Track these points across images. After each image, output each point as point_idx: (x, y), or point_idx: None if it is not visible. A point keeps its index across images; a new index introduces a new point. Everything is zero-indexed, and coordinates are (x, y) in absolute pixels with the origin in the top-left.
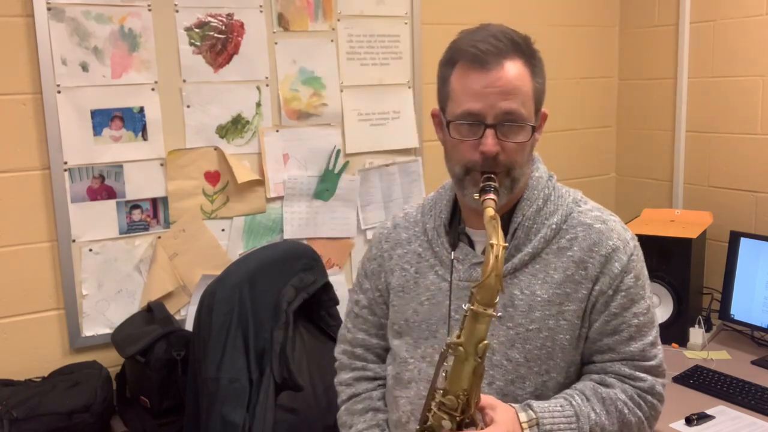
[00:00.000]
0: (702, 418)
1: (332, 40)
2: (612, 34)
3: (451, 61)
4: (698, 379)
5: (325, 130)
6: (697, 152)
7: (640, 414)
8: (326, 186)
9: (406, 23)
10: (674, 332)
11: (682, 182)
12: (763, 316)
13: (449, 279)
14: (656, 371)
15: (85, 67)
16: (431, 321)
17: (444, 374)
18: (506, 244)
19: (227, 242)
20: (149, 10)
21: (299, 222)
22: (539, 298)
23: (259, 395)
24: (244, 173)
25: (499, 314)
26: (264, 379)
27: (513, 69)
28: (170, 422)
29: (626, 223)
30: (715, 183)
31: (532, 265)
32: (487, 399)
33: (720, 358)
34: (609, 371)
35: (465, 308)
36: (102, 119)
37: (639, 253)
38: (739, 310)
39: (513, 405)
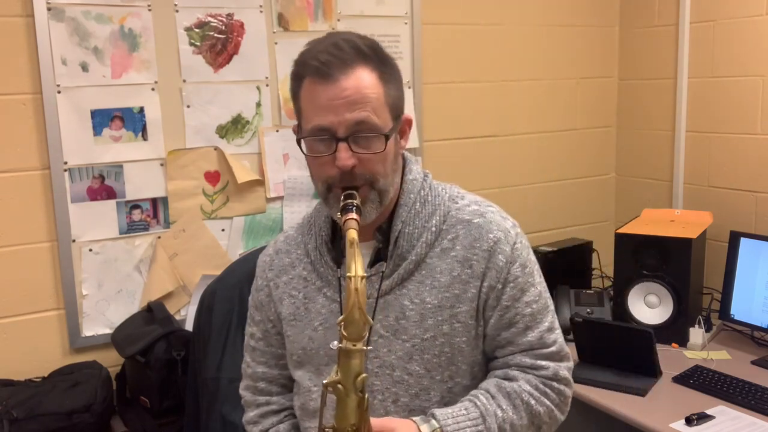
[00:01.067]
0: (702, 418)
1: None
2: (612, 34)
3: (297, 75)
4: (698, 379)
5: None
6: (697, 152)
7: (547, 402)
8: None
9: (406, 23)
10: (674, 332)
11: (682, 182)
12: (763, 316)
13: (339, 299)
14: (558, 356)
15: (85, 67)
16: (328, 347)
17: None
18: (365, 275)
19: (227, 242)
20: (149, 10)
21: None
22: (429, 305)
23: None
24: (244, 173)
25: (369, 347)
26: None
27: (359, 78)
28: (170, 422)
29: (626, 223)
30: (715, 183)
31: (418, 272)
32: (379, 423)
33: (720, 358)
34: (511, 364)
35: (333, 347)
36: (102, 119)
37: (522, 240)
38: (739, 310)
39: (414, 419)
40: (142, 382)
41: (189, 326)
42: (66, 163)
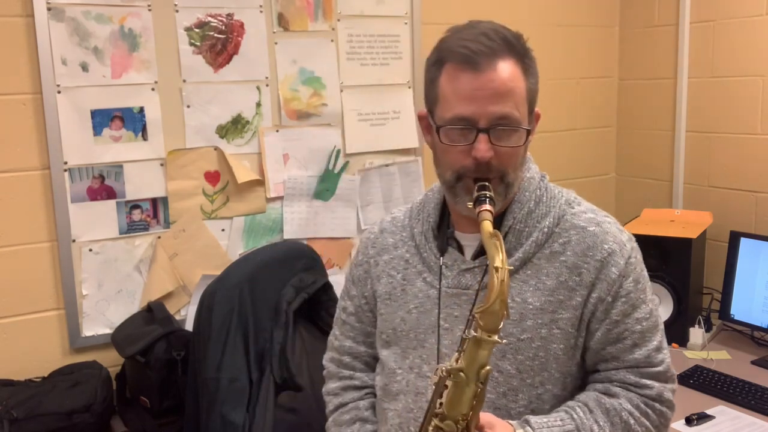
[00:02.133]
0: (702, 418)
1: (332, 40)
2: (612, 34)
3: (439, 61)
4: (698, 379)
5: (325, 130)
6: (697, 152)
7: (647, 423)
8: (326, 186)
9: (406, 23)
10: (674, 332)
11: (682, 182)
12: (763, 316)
13: (438, 286)
14: (664, 377)
15: (85, 67)
16: (419, 330)
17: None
18: (512, 267)
19: (227, 242)
20: (149, 10)
21: (299, 222)
22: (531, 306)
23: (259, 395)
24: (244, 173)
25: (505, 341)
26: (264, 379)
27: (506, 70)
28: (170, 422)
29: (626, 223)
30: (715, 183)
31: (523, 270)
32: (485, 417)
33: (720, 358)
34: (614, 379)
35: (467, 335)
36: (102, 119)
37: (637, 255)
38: (739, 310)
39: (511, 422)
40: (142, 382)
41: (189, 326)
42: (66, 163)
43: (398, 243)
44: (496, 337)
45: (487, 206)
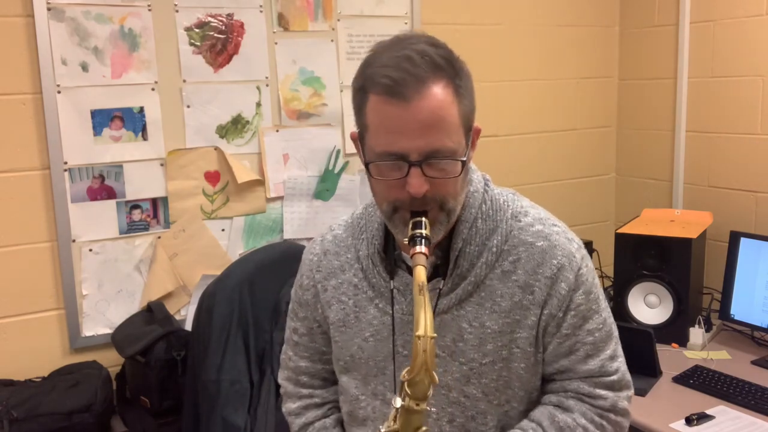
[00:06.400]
0: (702, 418)
1: (332, 40)
2: (612, 34)
3: (362, 89)
4: (698, 379)
5: (325, 130)
6: (697, 152)
7: None
8: (326, 186)
9: (406, 23)
10: (674, 332)
11: (682, 182)
12: (763, 316)
13: (391, 312)
14: (618, 386)
15: (85, 67)
16: (378, 358)
17: None
18: (434, 335)
19: (227, 242)
20: (149, 10)
21: (299, 222)
22: (489, 330)
23: (260, 397)
24: (244, 173)
25: (433, 409)
26: (265, 381)
27: (434, 97)
28: (170, 422)
29: (626, 223)
30: (715, 183)
31: (477, 293)
32: None
33: (720, 358)
34: (568, 389)
35: (395, 404)
36: (102, 119)
37: (588, 264)
38: (739, 310)
39: None
40: (142, 382)
41: (189, 326)
42: (66, 163)
43: (344, 266)
44: (424, 406)
45: (422, 248)
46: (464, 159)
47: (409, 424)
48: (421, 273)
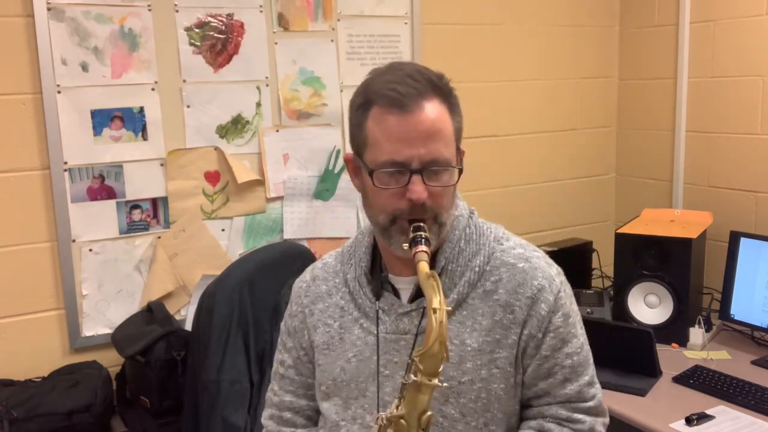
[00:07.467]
0: (702, 418)
1: (332, 40)
2: (612, 34)
3: (366, 104)
4: (698, 379)
5: (325, 130)
6: (697, 152)
7: None
8: (326, 186)
9: (406, 23)
10: (674, 332)
11: (682, 182)
12: (763, 316)
13: (375, 332)
14: (595, 411)
15: (85, 67)
16: (360, 379)
17: None
18: (450, 308)
19: (227, 242)
20: (149, 10)
21: (299, 222)
22: (469, 348)
23: (260, 397)
24: (244, 173)
25: (446, 384)
26: (265, 381)
27: (433, 110)
28: (170, 422)
29: (626, 223)
30: (715, 183)
31: (459, 312)
32: None
33: (720, 358)
34: (546, 415)
35: (406, 380)
36: (102, 119)
37: (566, 289)
38: (739, 310)
39: None
40: (142, 382)
41: (189, 326)
42: (66, 163)
43: (332, 290)
44: (436, 381)
45: (423, 247)
46: (461, 167)
47: (416, 406)
48: (424, 265)
